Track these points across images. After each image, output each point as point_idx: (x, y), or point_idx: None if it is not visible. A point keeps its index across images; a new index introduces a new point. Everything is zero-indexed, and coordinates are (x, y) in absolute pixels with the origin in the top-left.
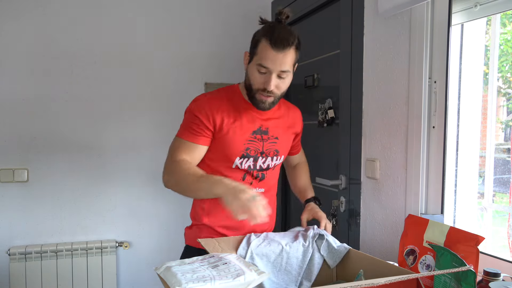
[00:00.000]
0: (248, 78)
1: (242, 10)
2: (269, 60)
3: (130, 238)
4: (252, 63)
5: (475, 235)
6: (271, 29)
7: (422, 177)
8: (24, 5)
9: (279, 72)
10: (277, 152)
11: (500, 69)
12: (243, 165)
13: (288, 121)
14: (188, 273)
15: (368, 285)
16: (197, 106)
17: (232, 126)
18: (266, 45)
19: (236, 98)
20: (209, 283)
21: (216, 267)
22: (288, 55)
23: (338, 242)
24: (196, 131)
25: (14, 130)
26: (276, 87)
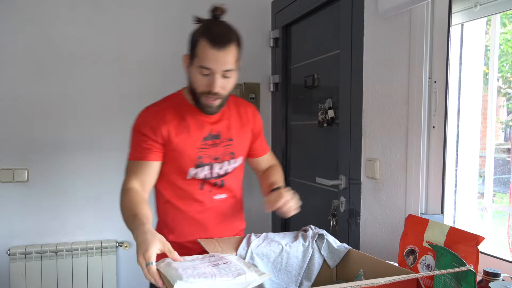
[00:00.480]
0: (191, 82)
1: (242, 10)
2: (210, 60)
3: (130, 238)
4: (193, 66)
5: (475, 235)
6: (208, 27)
7: (422, 177)
8: (24, 5)
9: (222, 72)
10: (232, 155)
11: (500, 69)
12: (198, 175)
13: (240, 119)
14: (189, 269)
15: (368, 285)
16: (141, 122)
17: (180, 137)
18: (205, 45)
19: (181, 105)
20: (210, 279)
21: (217, 265)
22: (230, 53)
23: (338, 242)
24: (144, 148)
25: (14, 130)
26: (221, 87)
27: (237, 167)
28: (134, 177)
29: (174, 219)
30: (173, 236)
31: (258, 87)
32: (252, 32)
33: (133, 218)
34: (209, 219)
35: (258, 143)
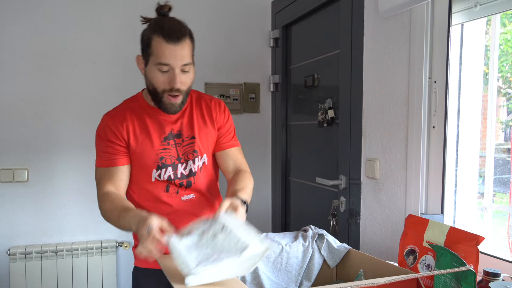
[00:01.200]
0: (149, 83)
1: (242, 10)
2: (167, 55)
3: (130, 238)
4: (150, 65)
5: (475, 235)
6: (160, 24)
7: (422, 177)
8: (24, 5)
9: (181, 67)
10: (195, 153)
11: (500, 69)
12: (162, 177)
13: (203, 113)
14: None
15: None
16: (103, 128)
17: (140, 138)
18: (160, 41)
19: (139, 107)
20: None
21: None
22: (186, 46)
23: (338, 242)
24: (110, 154)
25: (14, 130)
26: (182, 83)
27: (205, 166)
28: (107, 182)
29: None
30: None
31: (258, 87)
32: (252, 32)
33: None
34: (179, 220)
35: (222, 136)
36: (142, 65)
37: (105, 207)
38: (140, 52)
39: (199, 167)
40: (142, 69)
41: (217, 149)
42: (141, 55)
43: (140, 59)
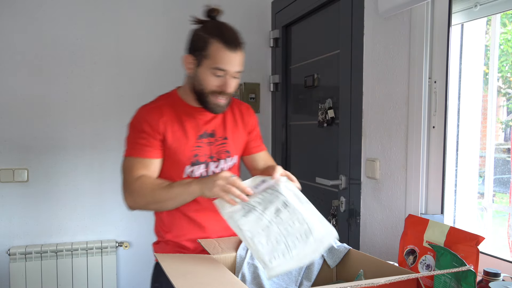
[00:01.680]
0: (199, 83)
1: (242, 10)
2: (226, 62)
3: (130, 238)
4: (204, 68)
5: (475, 235)
6: (219, 29)
7: (422, 177)
8: (24, 5)
9: (234, 73)
10: (228, 153)
11: (500, 69)
12: (194, 173)
13: (235, 117)
14: (259, 231)
15: (368, 285)
16: (139, 119)
17: (176, 134)
18: (220, 46)
19: (176, 104)
20: (288, 256)
21: (279, 214)
22: (241, 54)
23: (338, 242)
24: (144, 146)
25: (14, 130)
26: (231, 87)
27: (233, 167)
28: (140, 169)
29: (171, 218)
30: (170, 235)
31: (258, 87)
32: (252, 32)
33: (175, 183)
34: (206, 218)
35: (252, 140)
36: (191, 65)
37: (143, 187)
38: (187, 52)
39: (229, 167)
40: (190, 69)
41: (248, 153)
42: (190, 55)
43: (189, 59)
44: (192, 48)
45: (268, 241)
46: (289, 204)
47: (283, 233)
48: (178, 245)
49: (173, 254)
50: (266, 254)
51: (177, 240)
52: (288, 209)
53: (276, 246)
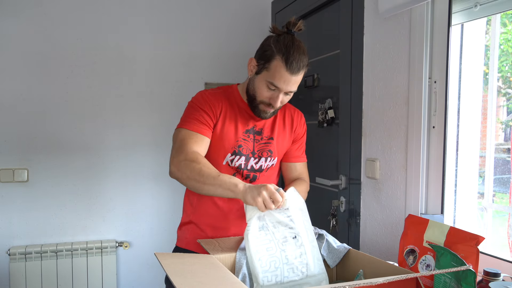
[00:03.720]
0: (253, 88)
1: (242, 10)
2: (282, 81)
3: (130, 238)
4: (261, 77)
5: (475, 235)
6: (287, 48)
7: (422, 177)
8: (24, 5)
9: (287, 91)
10: (270, 153)
11: (500, 69)
12: (234, 163)
13: (285, 121)
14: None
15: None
16: (200, 99)
17: (227, 122)
18: (281, 66)
19: (233, 97)
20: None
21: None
22: (300, 77)
23: (338, 242)
24: (201, 123)
25: (14, 130)
26: (281, 103)
27: (272, 168)
28: (194, 144)
29: (200, 200)
30: (194, 216)
31: None
32: (252, 32)
33: (224, 176)
34: (232, 211)
35: (295, 148)
36: (252, 69)
37: (197, 161)
38: (255, 55)
39: (267, 166)
40: (250, 72)
41: (287, 160)
42: (255, 60)
43: (253, 62)
44: (259, 55)
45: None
46: (298, 238)
47: (283, 261)
48: (198, 228)
49: (173, 254)
50: (261, 273)
51: (199, 222)
52: (296, 242)
53: (274, 270)
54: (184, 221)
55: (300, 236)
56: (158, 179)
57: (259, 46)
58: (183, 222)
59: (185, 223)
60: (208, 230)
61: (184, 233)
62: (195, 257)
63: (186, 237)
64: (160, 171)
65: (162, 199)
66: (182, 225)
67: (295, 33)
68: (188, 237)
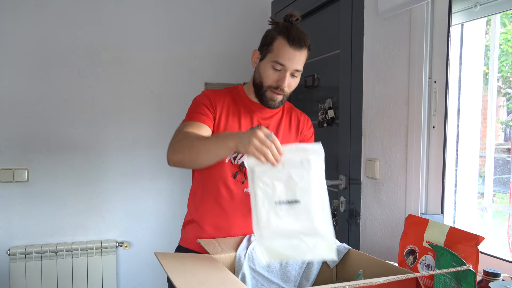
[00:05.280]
0: (259, 76)
1: (242, 10)
2: (286, 57)
3: (130, 238)
4: (266, 60)
5: (475, 235)
6: (287, 28)
7: (422, 177)
8: (24, 5)
9: (293, 71)
10: None
11: (500, 69)
12: (236, 160)
13: (291, 122)
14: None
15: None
16: (202, 95)
17: (230, 119)
18: (284, 43)
19: (238, 97)
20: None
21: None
22: (303, 55)
23: (338, 242)
24: (200, 114)
25: (14, 130)
26: (288, 85)
27: None
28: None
29: (203, 199)
30: (197, 214)
31: None
32: (252, 32)
33: (216, 135)
34: (235, 211)
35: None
36: (256, 59)
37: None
38: (258, 48)
39: None
40: (255, 63)
41: None
42: (258, 50)
43: (256, 53)
44: (261, 45)
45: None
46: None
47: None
48: (200, 228)
49: (173, 254)
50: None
51: (201, 221)
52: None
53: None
54: (187, 220)
55: (311, 197)
56: (158, 179)
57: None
58: (187, 220)
59: (188, 221)
60: (210, 229)
61: (187, 233)
62: (195, 257)
63: (189, 237)
64: (160, 171)
65: (162, 199)
66: (186, 224)
67: (293, 22)
68: (190, 236)
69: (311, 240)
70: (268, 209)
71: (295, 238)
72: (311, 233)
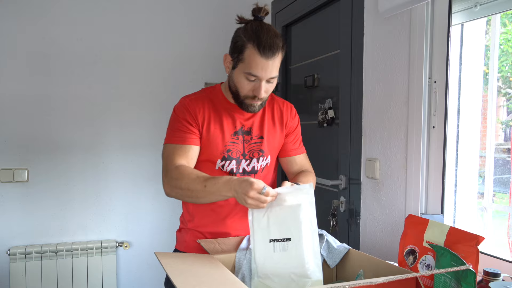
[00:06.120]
0: (234, 85)
1: (242, 10)
2: (259, 68)
3: (130, 238)
4: (238, 70)
5: (475, 235)
6: (257, 33)
7: (422, 177)
8: (24, 5)
9: (268, 78)
10: (262, 153)
11: (500, 69)
12: (225, 168)
13: (274, 116)
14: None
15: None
16: (180, 108)
17: (212, 127)
18: (254, 52)
19: (217, 98)
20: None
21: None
22: (277, 60)
23: (338, 242)
24: (184, 133)
25: (14, 130)
26: (265, 92)
27: (267, 167)
28: (179, 157)
29: (196, 208)
30: (192, 224)
31: None
32: None
33: (213, 179)
34: (230, 215)
35: (289, 141)
36: (229, 65)
37: (181, 177)
38: (228, 51)
39: (261, 166)
40: (228, 68)
41: (285, 155)
42: (229, 55)
43: (228, 58)
44: (231, 49)
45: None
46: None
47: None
48: (198, 234)
49: (173, 253)
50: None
51: (197, 228)
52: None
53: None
54: (182, 226)
55: (294, 240)
56: (158, 178)
57: (231, 41)
58: (182, 226)
59: (184, 227)
60: (209, 236)
61: (183, 236)
62: (195, 256)
63: (185, 241)
64: (160, 171)
65: (162, 199)
66: (181, 228)
67: (262, 18)
68: (187, 240)
69: (301, 279)
70: (265, 249)
71: (287, 276)
72: (301, 274)
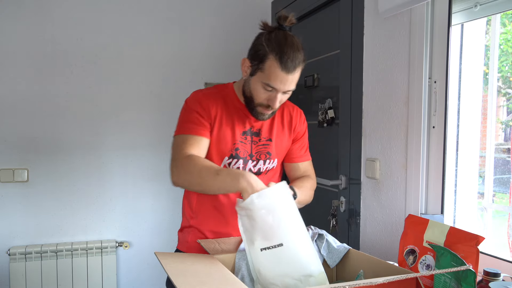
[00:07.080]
0: (249, 91)
1: (242, 10)
2: (277, 81)
3: (130, 238)
4: (257, 78)
5: (475, 235)
6: (280, 45)
7: (422, 177)
8: (24, 5)
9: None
10: (269, 155)
11: (500, 69)
12: (231, 166)
13: (284, 120)
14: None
15: (367, 284)
16: (193, 101)
17: (223, 124)
18: (275, 65)
19: (229, 97)
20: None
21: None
22: (296, 74)
23: (338, 242)
24: (196, 124)
25: (14, 130)
26: (280, 102)
27: (272, 170)
28: (190, 147)
29: (200, 205)
30: (195, 221)
31: None
32: (252, 32)
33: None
34: (233, 215)
35: (296, 147)
36: (247, 70)
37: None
38: (247, 55)
39: (267, 169)
40: (245, 73)
41: (290, 160)
42: (249, 60)
43: (246, 63)
44: (252, 55)
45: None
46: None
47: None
48: (199, 233)
49: (173, 253)
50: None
51: (200, 227)
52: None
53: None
54: (184, 225)
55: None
56: (158, 179)
57: (251, 45)
58: (184, 225)
59: (186, 226)
60: (210, 235)
61: (185, 237)
62: (195, 256)
63: (187, 241)
64: (160, 171)
65: (162, 199)
66: (183, 227)
67: (287, 28)
68: (189, 241)
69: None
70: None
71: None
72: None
